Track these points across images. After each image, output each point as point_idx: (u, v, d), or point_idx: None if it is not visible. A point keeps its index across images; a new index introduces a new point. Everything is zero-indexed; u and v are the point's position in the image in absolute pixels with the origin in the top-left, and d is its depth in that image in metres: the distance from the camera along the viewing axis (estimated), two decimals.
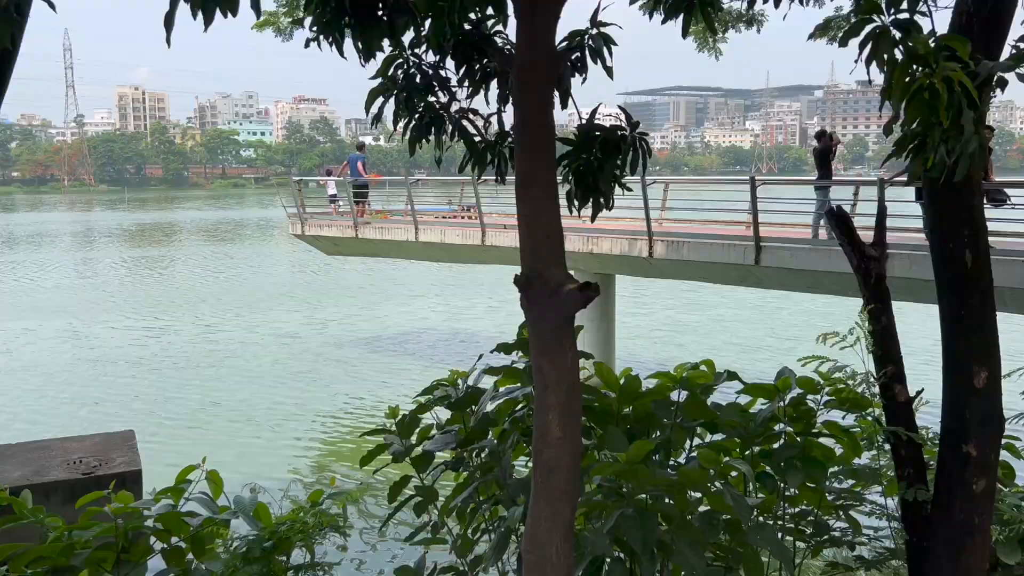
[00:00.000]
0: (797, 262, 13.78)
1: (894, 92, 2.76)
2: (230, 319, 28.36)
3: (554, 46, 2.89)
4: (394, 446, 4.96)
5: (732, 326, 25.49)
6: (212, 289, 35.86)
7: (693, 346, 22.05)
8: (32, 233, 65.72)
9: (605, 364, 5.12)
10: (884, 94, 2.81)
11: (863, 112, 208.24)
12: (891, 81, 2.77)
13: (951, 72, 2.69)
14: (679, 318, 27.00)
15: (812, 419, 4.91)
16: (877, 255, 4.90)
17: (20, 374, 21.25)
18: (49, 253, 52.44)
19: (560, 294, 2.56)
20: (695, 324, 25.98)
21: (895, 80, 2.75)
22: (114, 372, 21.37)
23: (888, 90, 2.79)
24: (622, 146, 4.06)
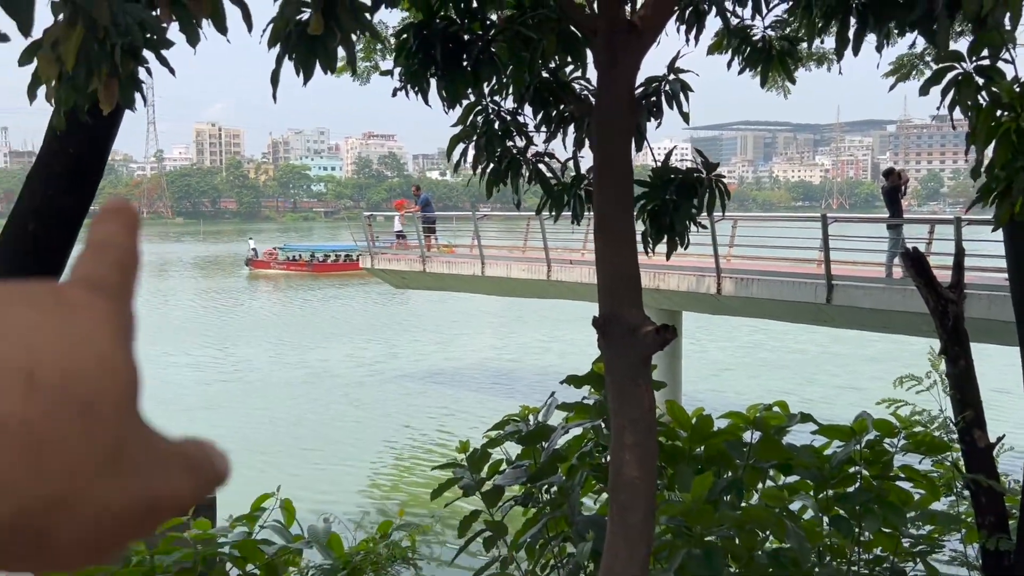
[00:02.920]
0: (871, 301, 13.50)
1: (979, 136, 2.78)
2: (302, 349, 28.98)
3: (634, 94, 2.99)
4: (465, 480, 5.03)
5: (800, 365, 25.01)
6: (284, 318, 36.72)
7: (760, 385, 21.69)
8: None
9: (676, 402, 5.13)
10: (969, 139, 2.83)
11: (937, 147, 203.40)
12: (976, 126, 2.79)
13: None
14: (746, 356, 26.60)
15: (889, 463, 4.84)
16: (955, 297, 4.84)
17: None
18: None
19: (638, 335, 2.62)
20: (762, 362, 25.56)
21: (980, 124, 2.77)
22: (190, 399, 22.01)
23: (973, 134, 2.81)
24: (698, 188, 4.14)
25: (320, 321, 36.02)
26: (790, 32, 4.61)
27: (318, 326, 34.44)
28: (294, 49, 2.19)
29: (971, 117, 2.83)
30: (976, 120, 2.79)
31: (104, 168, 4.87)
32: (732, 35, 4.45)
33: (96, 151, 4.58)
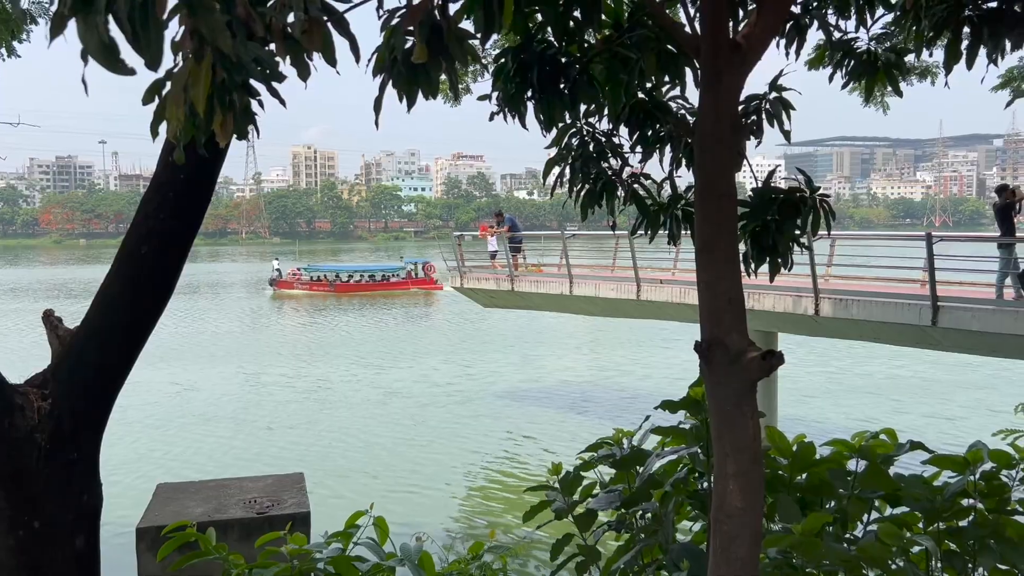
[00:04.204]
0: (980, 324, 12.88)
1: None
2: (392, 367, 29.47)
3: (737, 114, 2.93)
4: (557, 503, 4.99)
5: (902, 389, 24.04)
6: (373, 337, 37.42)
7: (862, 409, 20.93)
8: (212, 282, 70.78)
9: (776, 428, 4.98)
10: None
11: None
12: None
13: None
14: (846, 379, 25.73)
15: (1006, 495, 4.58)
16: None
17: (196, 416, 22.84)
18: (224, 300, 56.28)
19: (742, 361, 2.55)
20: (862, 386, 24.67)
21: None
22: (283, 416, 22.61)
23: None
24: (801, 207, 4.03)
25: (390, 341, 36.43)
26: (896, 43, 4.46)
27: (388, 346, 34.87)
28: (397, 76, 2.22)
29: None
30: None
31: (212, 194, 5.06)
32: (834, 48, 4.33)
33: (206, 178, 4.76)
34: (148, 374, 25.22)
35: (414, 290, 59.78)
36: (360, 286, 60.56)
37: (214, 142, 2.00)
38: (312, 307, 51.72)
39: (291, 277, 62.43)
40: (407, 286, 60.56)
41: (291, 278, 62.25)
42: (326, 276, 61.72)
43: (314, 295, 58.81)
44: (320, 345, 35.18)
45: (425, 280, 61.57)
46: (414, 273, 62.30)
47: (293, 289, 60.76)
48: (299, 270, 64.07)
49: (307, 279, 61.83)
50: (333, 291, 59.16)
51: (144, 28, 1.47)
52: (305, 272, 63.31)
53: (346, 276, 62.02)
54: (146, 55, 1.51)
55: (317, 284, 60.89)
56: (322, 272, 63.11)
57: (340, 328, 41.21)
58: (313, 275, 62.51)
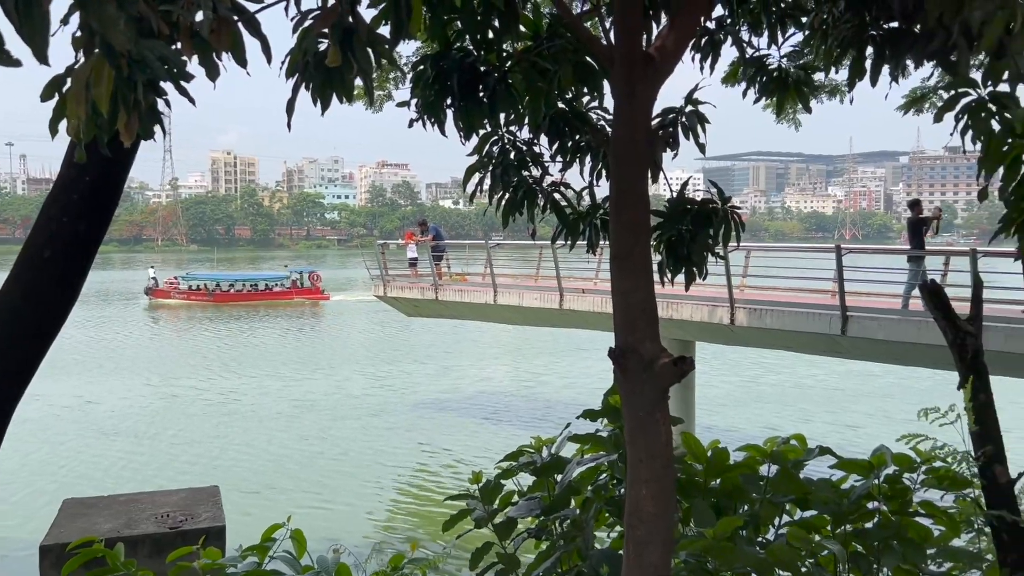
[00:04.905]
0: (886, 333, 13.40)
1: (989, 163, 2.76)
2: (309, 378, 28.93)
3: (651, 125, 2.98)
4: (477, 512, 4.98)
5: (813, 395, 24.80)
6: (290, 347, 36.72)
7: (773, 416, 21.50)
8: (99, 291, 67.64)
9: (692, 435, 5.07)
10: (981, 164, 2.81)
11: (951, 179, 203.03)
12: (987, 152, 2.77)
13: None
14: (759, 386, 26.41)
15: (908, 498, 4.75)
16: (973, 330, 4.77)
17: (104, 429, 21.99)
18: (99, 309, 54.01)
19: (655, 368, 2.59)
20: (775, 393, 25.36)
21: (991, 151, 2.75)
22: (197, 429, 21.98)
23: (985, 160, 2.79)
24: (714, 219, 4.13)
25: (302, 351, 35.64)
26: (805, 62, 4.61)
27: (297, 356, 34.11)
28: (311, 79, 2.19)
29: (983, 143, 2.81)
30: (987, 147, 2.77)
31: (120, 196, 4.89)
32: (747, 64, 4.46)
33: (112, 179, 4.61)
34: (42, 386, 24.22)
35: (299, 300, 58.16)
36: (241, 296, 58.58)
37: (119, 142, 1.94)
38: (191, 317, 49.97)
39: (167, 286, 60.10)
40: (291, 296, 58.85)
41: (167, 287, 59.98)
42: (205, 285, 59.48)
43: (192, 305, 56.85)
44: (219, 357, 34.16)
45: (311, 290, 59.95)
46: (299, 283, 60.56)
47: (169, 299, 58.43)
48: (176, 278, 61.83)
49: (184, 288, 59.42)
50: (212, 301, 57.14)
51: (28, 18, 1.41)
52: (183, 281, 60.98)
53: (226, 285, 59.72)
54: (32, 46, 1.45)
55: (195, 293, 58.69)
56: (201, 281, 60.91)
57: (227, 338, 40.09)
58: (191, 284, 60.17)
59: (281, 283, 60.79)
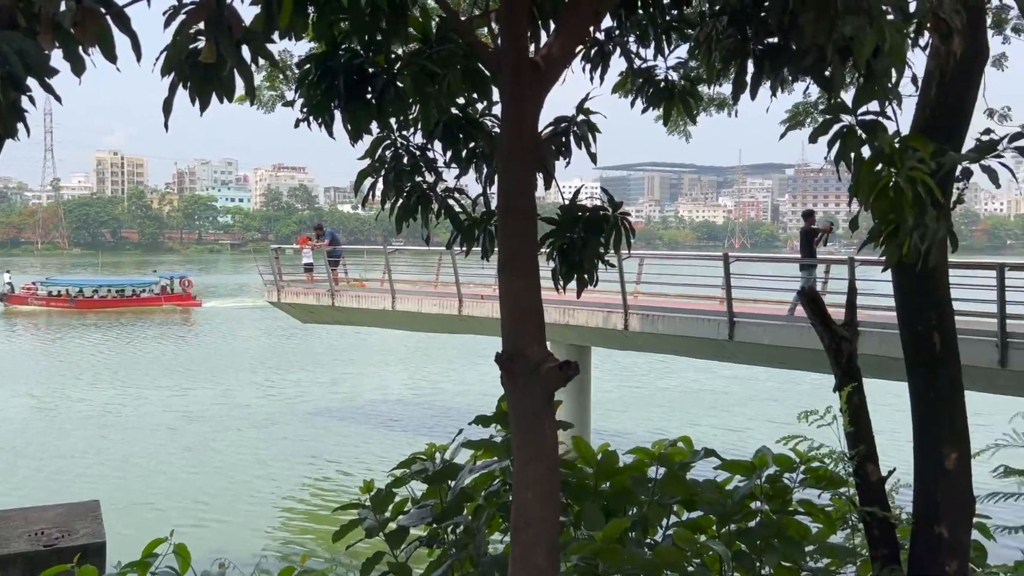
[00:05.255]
0: (770, 338, 13.93)
1: (861, 189, 2.88)
2: (193, 387, 27.92)
3: (537, 131, 3.00)
4: (367, 521, 4.90)
5: (708, 399, 25.53)
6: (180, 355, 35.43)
7: (668, 419, 22.03)
8: None
9: (583, 438, 5.13)
10: (852, 191, 2.93)
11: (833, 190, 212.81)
12: (858, 178, 2.89)
13: (914, 172, 2.81)
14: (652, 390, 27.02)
15: (788, 497, 4.93)
16: (848, 335, 5.00)
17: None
18: None
19: (541, 372, 2.60)
20: (671, 397, 26.00)
21: (862, 178, 2.87)
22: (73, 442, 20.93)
23: (855, 187, 2.90)
24: (604, 225, 4.20)
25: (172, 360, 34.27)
26: (691, 74, 4.73)
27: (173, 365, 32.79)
28: (188, 77, 2.11)
29: (854, 170, 2.93)
30: (858, 173, 2.89)
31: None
32: (635, 75, 4.54)
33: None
34: None
35: (168, 307, 55.79)
36: (106, 302, 55.85)
37: None
38: (53, 325, 47.47)
39: (24, 292, 56.68)
40: (159, 302, 56.37)
41: (24, 293, 56.58)
42: (67, 291, 56.50)
43: (52, 311, 53.96)
44: (91, 367, 32.45)
45: (182, 296, 57.52)
46: (169, 288, 57.93)
47: (27, 305, 55.10)
48: (34, 283, 58.61)
49: (43, 294, 56.33)
50: (74, 307, 54.32)
51: None
52: (42, 286, 57.74)
53: (90, 291, 56.74)
54: None
55: (55, 300, 55.53)
56: (62, 286, 57.84)
57: (98, 347, 38.22)
58: (51, 289, 57.07)
59: (150, 288, 57.92)
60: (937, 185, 3.24)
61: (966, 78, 4.53)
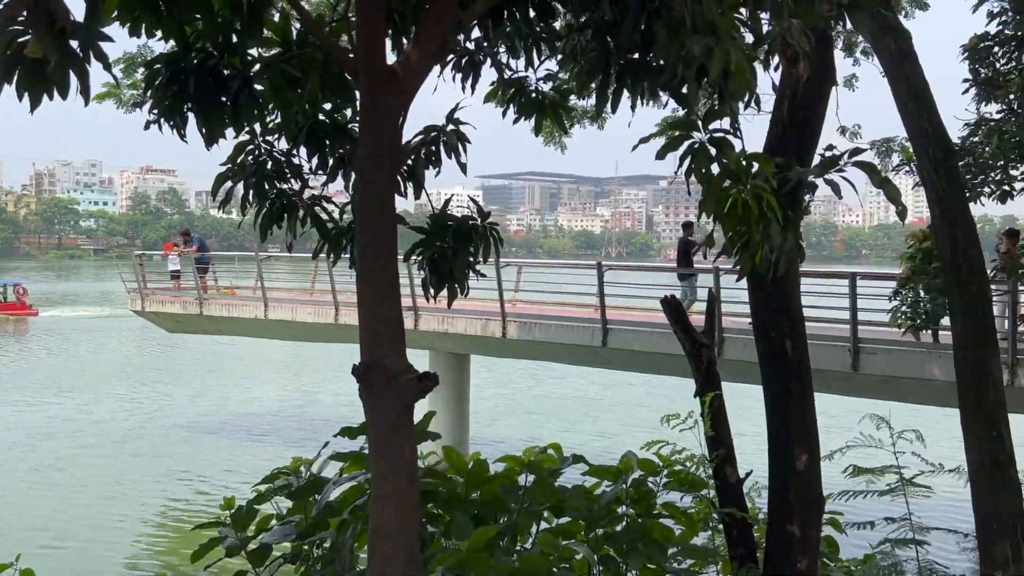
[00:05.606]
0: (641, 344, 14.32)
1: (709, 205, 2.98)
2: (56, 398, 26.29)
3: (398, 140, 2.97)
4: (229, 539, 4.73)
5: (584, 405, 25.97)
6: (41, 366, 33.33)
7: (548, 426, 22.27)
8: None
9: (454, 448, 5.11)
10: (702, 206, 3.03)
11: None
12: (708, 194, 2.99)
13: (760, 189, 2.94)
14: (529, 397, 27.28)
15: (653, 501, 5.06)
16: (708, 342, 5.19)
17: None
18: None
19: (398, 383, 2.57)
20: (548, 403, 26.31)
21: (711, 193, 2.98)
22: None
23: (706, 202, 3.01)
24: (474, 235, 4.20)
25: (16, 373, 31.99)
26: (562, 86, 4.80)
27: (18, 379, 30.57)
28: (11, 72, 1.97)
29: (703, 186, 3.03)
30: (707, 189, 2.99)
31: None
32: (506, 85, 4.57)
33: None
34: None
35: (0, 316, 51.54)
36: None
37: None
38: None
39: None
40: None
41: None
42: None
43: None
44: None
45: (15, 305, 53.01)
46: (2, 296, 53.75)
47: None
48: None
49: None
50: None
51: None
52: None
53: None
54: None
55: None
56: None
57: None
58: None
59: None
60: (786, 198, 3.40)
61: (815, 99, 4.80)
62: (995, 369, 6.48)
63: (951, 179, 6.63)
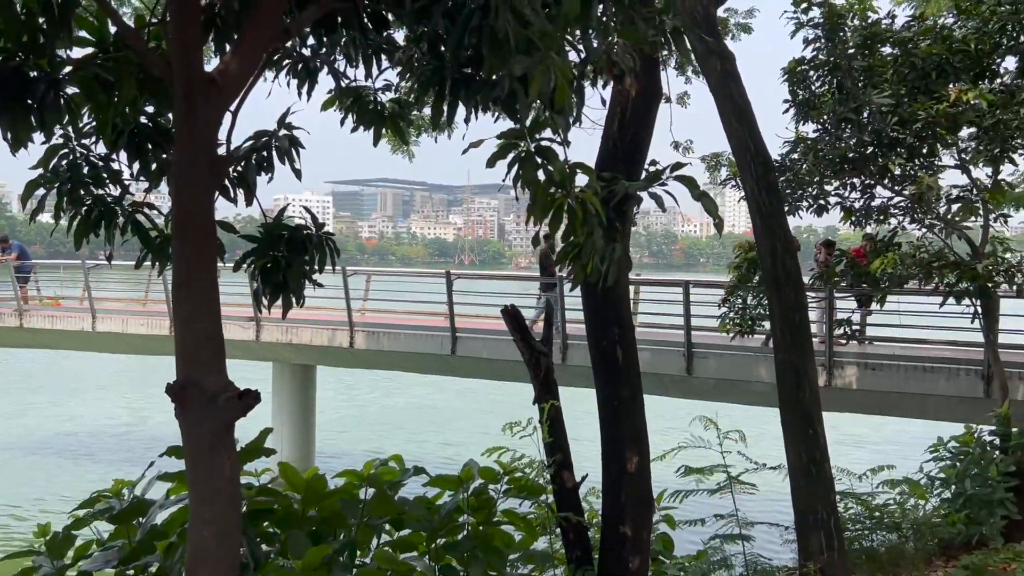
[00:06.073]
0: (489, 352, 14.45)
1: (537, 211, 3.07)
2: None
3: (215, 148, 2.86)
4: (44, 569, 4.42)
5: (432, 414, 25.88)
6: None
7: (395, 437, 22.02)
8: None
9: (291, 465, 4.99)
10: (530, 212, 3.11)
11: None
12: (535, 200, 3.07)
13: (584, 195, 3.05)
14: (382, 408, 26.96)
15: (493, 508, 5.12)
16: (546, 350, 5.31)
17: None
18: None
19: (217, 402, 2.48)
20: (396, 414, 26.06)
21: (538, 199, 3.06)
22: None
23: (534, 208, 3.09)
24: (308, 245, 4.12)
25: None
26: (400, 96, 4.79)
27: None
28: None
29: (531, 193, 3.12)
30: (535, 195, 3.08)
31: None
32: (344, 94, 4.52)
33: None
34: None
35: None
36: None
37: None
38: None
39: None
40: None
41: None
42: None
43: None
44: None
45: None
46: None
47: None
48: None
49: None
50: None
51: None
52: None
53: None
54: None
55: None
56: None
57: None
58: None
59: None
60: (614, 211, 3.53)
61: (643, 115, 5.01)
62: (811, 371, 6.94)
63: (771, 193, 7.07)
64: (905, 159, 9.80)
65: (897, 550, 7.81)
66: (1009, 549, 7.22)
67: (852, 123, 9.64)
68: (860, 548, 7.77)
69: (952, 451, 8.75)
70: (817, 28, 9.81)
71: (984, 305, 10.18)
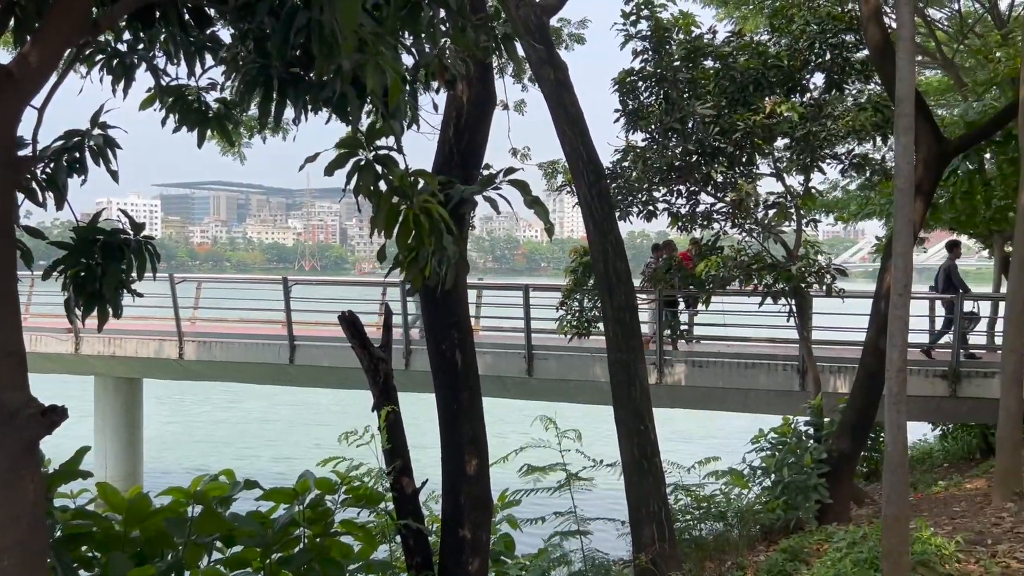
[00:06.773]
0: (329, 359, 14.16)
1: (379, 221, 3.02)
2: None
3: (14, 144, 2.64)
4: None
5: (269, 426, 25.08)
6: None
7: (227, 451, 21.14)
8: None
9: (110, 484, 4.70)
10: (373, 223, 3.06)
11: None
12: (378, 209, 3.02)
13: (428, 204, 3.03)
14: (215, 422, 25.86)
15: (330, 519, 5.01)
16: (385, 356, 5.26)
17: None
18: None
19: (17, 420, 2.28)
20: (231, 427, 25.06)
21: (381, 209, 3.01)
22: None
23: (376, 218, 3.04)
24: (126, 250, 3.89)
25: None
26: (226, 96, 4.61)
27: None
28: None
29: (373, 202, 3.07)
30: (378, 205, 3.03)
31: None
32: (164, 92, 4.30)
33: None
34: None
35: None
36: None
37: None
38: None
39: None
40: None
41: None
42: None
43: None
44: None
45: None
46: None
47: None
48: None
49: None
50: None
51: None
52: None
53: None
54: None
55: None
56: None
57: None
58: None
59: None
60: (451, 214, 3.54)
61: (478, 121, 5.06)
62: (641, 370, 7.25)
63: (603, 199, 7.33)
64: (726, 167, 10.42)
65: (723, 537, 8.26)
66: (822, 531, 7.77)
67: (678, 132, 10.15)
68: (690, 538, 8.16)
69: (771, 442, 9.34)
70: (645, 40, 10.26)
71: (798, 304, 10.97)
